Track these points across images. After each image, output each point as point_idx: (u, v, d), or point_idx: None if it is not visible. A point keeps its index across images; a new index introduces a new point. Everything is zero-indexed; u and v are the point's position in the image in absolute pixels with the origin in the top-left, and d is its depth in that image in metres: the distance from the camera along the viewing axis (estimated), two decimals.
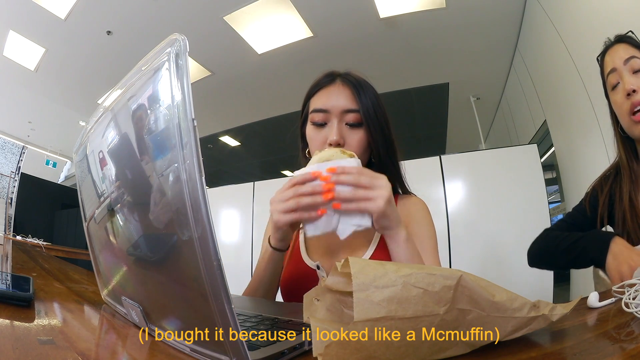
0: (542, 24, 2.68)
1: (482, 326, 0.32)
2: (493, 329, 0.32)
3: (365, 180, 0.55)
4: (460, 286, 0.31)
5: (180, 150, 0.31)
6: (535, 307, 0.34)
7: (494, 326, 0.33)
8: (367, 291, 0.29)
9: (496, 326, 0.33)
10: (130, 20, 3.30)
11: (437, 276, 0.30)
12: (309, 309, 0.41)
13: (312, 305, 0.41)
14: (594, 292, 0.47)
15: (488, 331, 0.32)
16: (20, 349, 0.34)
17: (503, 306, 0.33)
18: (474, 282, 0.32)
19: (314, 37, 3.47)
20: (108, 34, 3.46)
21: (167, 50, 0.34)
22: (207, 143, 5.75)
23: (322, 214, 0.55)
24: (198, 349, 0.35)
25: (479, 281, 0.32)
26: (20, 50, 3.71)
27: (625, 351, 0.30)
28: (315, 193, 0.55)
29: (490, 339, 0.33)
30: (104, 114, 0.47)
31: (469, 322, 0.31)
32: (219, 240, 0.29)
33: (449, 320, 0.30)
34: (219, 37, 3.46)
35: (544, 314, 0.34)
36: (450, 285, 0.30)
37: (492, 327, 0.32)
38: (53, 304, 0.58)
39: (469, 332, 0.32)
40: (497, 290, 0.33)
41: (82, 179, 0.58)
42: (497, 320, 0.33)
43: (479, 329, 0.32)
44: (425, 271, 0.30)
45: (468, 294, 0.31)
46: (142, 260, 0.43)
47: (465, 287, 0.31)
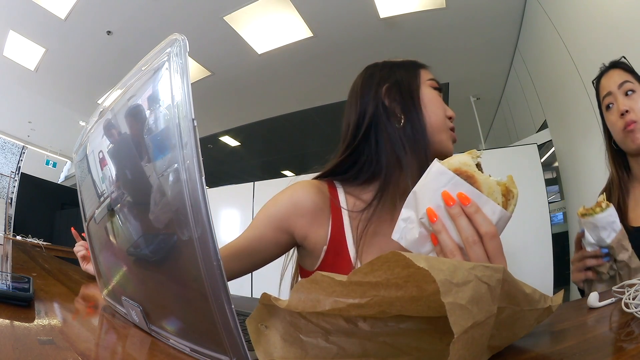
0: (542, 24, 2.67)
1: (511, 325, 0.29)
2: (519, 326, 0.30)
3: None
4: (505, 280, 0.27)
5: (180, 150, 0.31)
6: (544, 297, 0.33)
7: (522, 322, 0.31)
8: (452, 292, 0.24)
9: (523, 322, 0.31)
10: (130, 20, 3.30)
11: (490, 269, 0.26)
12: (259, 341, 0.33)
13: (261, 336, 0.33)
14: (594, 292, 0.47)
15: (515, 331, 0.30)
16: (20, 349, 0.34)
17: (533, 299, 0.31)
18: (511, 274, 0.28)
19: (314, 37, 3.47)
20: (108, 34, 3.45)
21: (167, 50, 0.34)
22: (207, 143, 5.74)
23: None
24: (198, 349, 0.35)
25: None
26: (20, 50, 3.71)
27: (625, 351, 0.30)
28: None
29: (513, 340, 0.31)
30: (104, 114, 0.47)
31: (498, 322, 0.28)
32: (219, 240, 0.29)
33: (496, 322, 0.27)
34: (219, 37, 3.45)
35: (550, 305, 0.34)
36: (499, 278, 0.27)
37: (520, 325, 0.30)
38: (53, 304, 0.58)
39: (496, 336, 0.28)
40: (522, 282, 0.31)
41: (82, 179, 0.58)
42: (526, 315, 0.31)
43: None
44: (481, 263, 0.27)
45: (507, 288, 0.28)
46: (142, 260, 0.43)
47: (507, 281, 0.27)
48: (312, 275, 0.30)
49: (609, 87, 0.86)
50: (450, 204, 0.40)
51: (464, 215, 0.39)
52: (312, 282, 0.30)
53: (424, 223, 0.42)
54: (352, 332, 0.34)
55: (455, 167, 0.41)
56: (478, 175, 0.40)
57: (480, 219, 0.39)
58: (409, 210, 0.44)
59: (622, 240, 0.65)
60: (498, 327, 0.28)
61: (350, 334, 0.34)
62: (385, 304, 0.31)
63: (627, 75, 0.85)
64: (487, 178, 0.40)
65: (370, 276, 0.28)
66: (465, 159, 0.41)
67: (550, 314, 0.34)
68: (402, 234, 0.44)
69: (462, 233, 0.39)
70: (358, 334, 0.34)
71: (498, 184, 0.40)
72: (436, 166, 0.42)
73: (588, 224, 0.66)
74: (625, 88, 0.84)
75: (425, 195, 0.42)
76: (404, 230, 0.44)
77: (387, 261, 0.27)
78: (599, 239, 0.65)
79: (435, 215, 0.41)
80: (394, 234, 0.45)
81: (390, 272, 0.28)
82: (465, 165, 0.41)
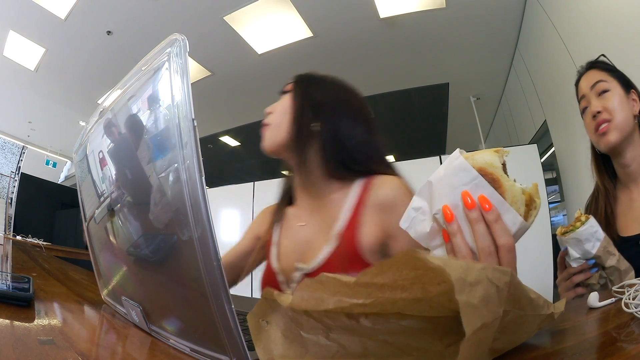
0: (542, 24, 2.67)
1: (514, 329, 0.29)
2: (522, 331, 0.30)
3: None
4: (512, 283, 0.27)
5: (180, 150, 0.31)
6: (547, 304, 0.33)
7: (525, 327, 0.30)
8: (465, 291, 0.23)
9: (527, 327, 0.30)
10: (130, 20, 3.30)
11: (499, 271, 0.26)
12: (259, 337, 0.33)
13: (262, 331, 0.33)
14: (594, 292, 0.47)
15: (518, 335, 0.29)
16: (20, 349, 0.34)
17: (537, 304, 0.30)
18: (517, 277, 0.28)
19: (314, 37, 3.47)
20: (108, 34, 3.45)
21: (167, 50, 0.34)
22: (207, 143, 5.74)
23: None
24: (198, 349, 0.35)
25: None
26: (20, 50, 3.71)
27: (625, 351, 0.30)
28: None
29: (515, 344, 0.31)
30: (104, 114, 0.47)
31: (503, 325, 0.27)
32: (219, 240, 0.29)
33: (501, 325, 0.26)
34: (219, 37, 3.45)
35: (552, 312, 0.33)
36: (507, 281, 0.26)
37: (523, 329, 0.30)
38: (53, 304, 0.58)
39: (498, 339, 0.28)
40: (527, 287, 0.30)
41: (82, 179, 0.58)
42: (529, 320, 0.30)
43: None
44: (491, 264, 0.26)
45: (513, 291, 0.27)
46: (142, 260, 0.43)
47: (513, 284, 0.27)
48: (317, 276, 0.29)
49: (582, 90, 0.85)
50: (470, 207, 0.37)
51: (483, 222, 0.37)
52: (317, 282, 0.30)
53: (437, 219, 0.39)
54: (354, 328, 0.34)
55: (480, 165, 0.38)
56: (504, 181, 0.37)
57: (500, 229, 0.36)
58: (421, 199, 0.41)
59: (607, 246, 0.64)
60: (502, 330, 0.27)
61: (352, 331, 0.34)
62: (387, 303, 0.31)
63: (602, 74, 0.83)
64: (512, 185, 0.38)
65: (379, 277, 0.28)
66: (492, 159, 0.38)
67: (552, 320, 0.34)
68: (411, 223, 0.41)
69: (478, 240, 0.37)
70: (359, 331, 0.34)
71: (523, 192, 0.38)
72: (459, 161, 0.38)
73: (571, 240, 0.65)
74: (598, 89, 0.82)
75: (443, 190, 0.39)
76: (414, 221, 0.41)
77: (396, 262, 0.27)
78: (584, 252, 0.64)
79: (451, 216, 0.38)
80: (402, 222, 0.42)
81: (399, 273, 0.27)
82: (491, 167, 0.38)
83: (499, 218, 0.37)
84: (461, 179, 0.38)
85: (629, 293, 0.41)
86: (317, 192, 0.74)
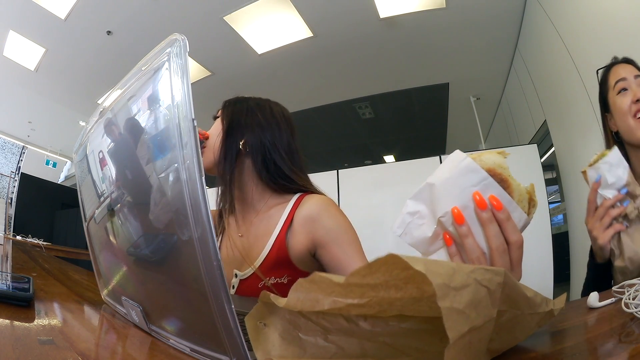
0: (542, 24, 2.67)
1: (512, 328, 0.29)
2: (520, 330, 0.30)
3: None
4: (506, 284, 0.27)
5: (180, 150, 0.31)
6: (546, 301, 0.33)
7: (523, 326, 0.30)
8: (449, 296, 0.23)
9: (524, 326, 0.30)
10: (130, 20, 3.29)
11: (490, 272, 0.26)
12: (257, 339, 0.33)
13: (260, 333, 0.33)
14: (594, 292, 0.47)
15: (516, 335, 0.30)
16: (20, 349, 0.34)
17: (534, 302, 0.31)
18: (512, 278, 0.28)
19: (314, 37, 3.47)
20: (108, 34, 3.45)
21: (167, 50, 0.34)
22: None
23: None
24: (198, 349, 0.35)
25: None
26: (20, 50, 3.71)
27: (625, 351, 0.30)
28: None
29: (513, 344, 0.31)
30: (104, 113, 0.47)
31: (499, 325, 0.27)
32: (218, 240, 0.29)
33: (496, 325, 0.27)
34: (219, 37, 3.45)
35: (552, 309, 0.33)
36: (500, 282, 0.26)
37: (520, 328, 0.30)
38: (53, 304, 0.58)
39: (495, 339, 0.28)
40: (523, 285, 0.30)
41: (82, 179, 0.58)
42: (527, 319, 0.30)
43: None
44: (481, 267, 0.26)
45: (508, 292, 0.27)
46: (142, 260, 0.43)
47: (507, 284, 0.27)
48: (310, 276, 0.30)
49: (624, 74, 0.84)
50: (483, 207, 0.37)
51: (495, 222, 0.37)
52: (310, 282, 0.30)
53: (442, 222, 0.38)
54: (352, 331, 0.34)
55: (488, 166, 0.38)
56: (512, 181, 0.38)
57: (511, 227, 0.38)
58: (418, 203, 0.40)
59: (631, 176, 0.67)
60: (498, 330, 0.27)
61: (350, 334, 0.33)
62: (385, 303, 0.31)
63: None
64: (519, 184, 0.39)
65: (369, 278, 0.28)
66: (500, 161, 0.38)
67: (552, 317, 0.34)
68: (406, 229, 0.40)
69: (491, 241, 0.37)
70: (358, 333, 0.34)
71: (526, 191, 0.39)
72: (467, 162, 0.38)
73: (603, 166, 0.67)
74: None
75: (451, 192, 0.38)
76: (410, 226, 0.40)
77: (385, 263, 0.27)
78: (618, 177, 0.66)
79: (462, 218, 0.37)
80: (396, 228, 0.40)
81: (389, 274, 0.27)
82: (500, 168, 0.38)
83: (509, 217, 0.38)
84: (470, 179, 0.38)
85: (629, 293, 0.41)
86: (256, 205, 0.83)
